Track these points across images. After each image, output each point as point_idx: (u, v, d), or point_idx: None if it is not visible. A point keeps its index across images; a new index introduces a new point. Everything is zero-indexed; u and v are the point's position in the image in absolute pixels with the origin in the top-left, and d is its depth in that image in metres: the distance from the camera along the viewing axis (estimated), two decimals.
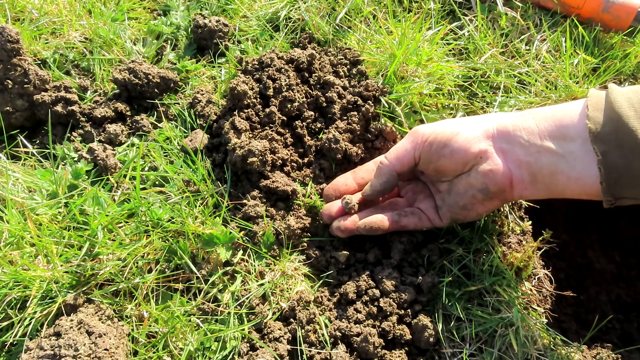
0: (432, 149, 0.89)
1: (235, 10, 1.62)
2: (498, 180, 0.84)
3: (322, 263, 1.11)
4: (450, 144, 0.86)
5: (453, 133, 0.86)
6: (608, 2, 1.54)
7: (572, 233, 1.75)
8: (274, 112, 1.25)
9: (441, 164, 0.89)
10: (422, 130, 0.91)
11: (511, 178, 0.84)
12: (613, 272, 1.72)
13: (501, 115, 0.87)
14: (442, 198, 0.97)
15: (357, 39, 1.48)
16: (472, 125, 0.87)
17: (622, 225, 1.82)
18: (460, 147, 0.85)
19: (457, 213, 0.94)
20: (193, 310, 1.00)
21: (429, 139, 0.89)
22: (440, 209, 0.97)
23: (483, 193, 0.87)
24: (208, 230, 1.05)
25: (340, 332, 0.99)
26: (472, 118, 0.90)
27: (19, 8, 1.54)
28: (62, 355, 0.82)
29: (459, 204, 0.92)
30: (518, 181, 0.85)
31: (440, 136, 0.88)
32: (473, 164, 0.86)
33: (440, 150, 0.88)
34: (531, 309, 1.07)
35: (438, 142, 0.88)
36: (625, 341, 1.44)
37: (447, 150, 0.87)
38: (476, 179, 0.86)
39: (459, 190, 0.91)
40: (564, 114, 0.80)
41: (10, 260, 0.96)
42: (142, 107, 1.37)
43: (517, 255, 1.10)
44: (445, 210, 0.96)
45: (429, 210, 0.99)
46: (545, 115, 0.83)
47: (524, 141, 0.82)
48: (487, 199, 0.88)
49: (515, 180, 0.85)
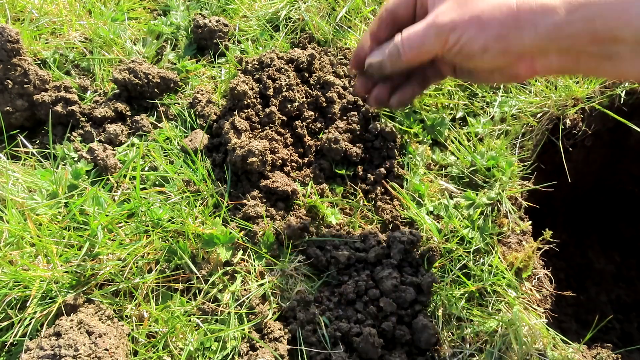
0: (458, 56, 0.74)
1: (235, 10, 1.62)
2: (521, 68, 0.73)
3: (322, 263, 1.11)
4: (484, 54, 0.71)
5: (482, 46, 0.70)
6: None
7: (572, 233, 1.76)
8: (274, 112, 1.25)
9: (470, 63, 0.75)
10: (450, 27, 0.71)
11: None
12: (613, 272, 1.72)
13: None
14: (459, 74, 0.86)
15: (357, 39, 1.48)
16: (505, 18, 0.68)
17: (622, 225, 1.82)
18: (491, 56, 0.70)
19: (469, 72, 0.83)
20: (193, 310, 1.00)
21: (457, 47, 0.72)
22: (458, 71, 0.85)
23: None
24: (208, 230, 1.05)
25: (340, 332, 0.99)
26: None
27: (19, 8, 1.54)
28: (62, 355, 0.82)
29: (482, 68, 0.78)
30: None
31: (469, 47, 0.71)
32: (503, 65, 0.74)
33: (473, 55, 0.72)
34: (531, 309, 1.07)
35: (466, 53, 0.72)
36: (625, 341, 1.44)
37: (484, 53, 0.71)
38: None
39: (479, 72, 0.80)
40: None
41: (10, 260, 0.96)
42: (142, 107, 1.37)
43: (517, 255, 1.10)
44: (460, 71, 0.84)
45: (445, 67, 0.86)
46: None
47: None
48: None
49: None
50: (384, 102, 0.87)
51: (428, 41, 0.73)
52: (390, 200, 1.23)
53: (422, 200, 1.22)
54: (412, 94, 0.86)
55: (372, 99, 0.87)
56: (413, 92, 0.86)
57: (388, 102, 0.87)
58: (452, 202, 1.20)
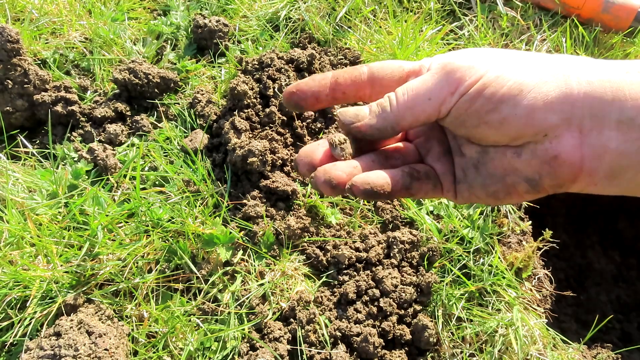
0: (473, 108, 0.54)
1: (235, 10, 1.62)
2: (561, 173, 0.55)
3: (322, 263, 1.11)
4: (505, 107, 0.53)
5: (513, 90, 0.53)
6: (608, 3, 1.54)
7: (572, 233, 1.75)
8: (274, 112, 1.25)
9: (480, 131, 0.56)
10: (462, 70, 0.54)
11: (580, 170, 0.55)
12: (613, 272, 1.72)
13: (595, 67, 0.53)
14: (465, 169, 0.63)
15: (357, 39, 1.48)
16: (546, 77, 0.53)
17: (622, 225, 1.82)
18: (519, 116, 0.53)
19: (480, 198, 0.62)
20: (193, 310, 1.00)
21: (474, 90, 0.54)
22: (459, 184, 0.63)
23: (531, 185, 0.57)
24: (208, 230, 1.05)
25: (340, 332, 0.99)
26: (550, 63, 0.55)
27: (19, 8, 1.54)
28: (62, 355, 0.82)
29: (489, 189, 0.60)
30: (587, 174, 0.55)
31: (491, 90, 0.53)
32: (530, 140, 0.55)
33: (487, 115, 0.54)
34: (531, 309, 1.07)
35: (484, 100, 0.53)
36: (625, 341, 1.44)
37: (496, 116, 0.53)
38: (528, 164, 0.55)
39: (494, 171, 0.59)
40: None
41: (10, 260, 0.96)
42: (142, 107, 1.37)
43: (517, 255, 1.10)
44: (464, 187, 0.63)
45: (445, 176, 0.64)
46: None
47: (625, 119, 0.51)
48: (532, 191, 0.58)
49: (585, 173, 0.55)
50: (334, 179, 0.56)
51: (433, 85, 0.55)
52: (390, 200, 1.23)
53: (422, 200, 1.22)
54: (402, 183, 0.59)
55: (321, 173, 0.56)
56: (402, 180, 0.59)
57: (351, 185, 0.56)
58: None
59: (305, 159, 0.61)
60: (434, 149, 0.66)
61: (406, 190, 0.61)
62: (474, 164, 0.61)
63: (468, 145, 0.62)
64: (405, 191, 0.61)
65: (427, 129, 0.68)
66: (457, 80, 0.55)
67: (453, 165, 0.64)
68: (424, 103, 0.57)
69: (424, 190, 0.63)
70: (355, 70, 0.61)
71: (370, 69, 0.62)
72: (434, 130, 0.67)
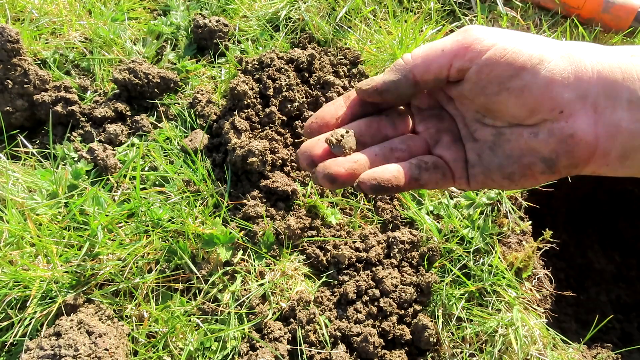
0: (491, 73, 0.56)
1: (235, 10, 1.62)
2: (577, 151, 0.56)
3: (322, 263, 1.11)
4: (524, 75, 0.54)
5: (534, 59, 0.54)
6: (608, 3, 1.54)
7: (572, 233, 1.76)
8: (274, 112, 1.25)
9: (499, 100, 0.57)
10: (481, 34, 0.56)
11: (595, 149, 0.57)
12: (613, 272, 1.72)
13: (602, 52, 0.56)
14: (479, 153, 0.63)
15: (357, 39, 1.48)
16: (562, 55, 0.55)
17: (622, 225, 1.82)
18: (539, 85, 0.54)
19: (495, 181, 0.63)
20: (193, 310, 1.00)
21: (490, 54, 0.55)
22: (473, 168, 0.63)
23: (547, 165, 0.58)
24: (208, 230, 1.05)
25: (340, 332, 0.99)
26: (561, 44, 0.57)
27: (19, 8, 1.54)
28: (62, 355, 0.82)
29: (505, 170, 0.60)
30: (601, 154, 0.57)
31: (512, 56, 0.54)
32: (546, 117, 0.56)
33: (509, 80, 0.55)
34: (531, 309, 1.07)
35: (505, 65, 0.55)
36: (625, 341, 1.44)
37: (518, 82, 0.54)
38: (546, 143, 0.57)
39: (511, 152, 0.59)
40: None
41: (10, 260, 0.96)
42: (142, 107, 1.37)
43: (517, 255, 1.10)
44: (479, 171, 0.63)
45: (455, 163, 0.64)
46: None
47: (635, 99, 0.53)
48: (548, 172, 0.59)
49: (599, 153, 0.57)
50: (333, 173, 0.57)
51: (448, 39, 0.56)
52: (390, 200, 1.23)
53: (422, 200, 1.22)
54: (406, 174, 0.60)
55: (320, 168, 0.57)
56: (411, 172, 0.60)
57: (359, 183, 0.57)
58: (452, 201, 1.20)
59: (306, 153, 0.61)
60: (443, 139, 0.66)
61: (415, 181, 0.61)
62: (489, 146, 0.62)
63: (482, 129, 0.62)
64: (414, 182, 0.61)
65: (437, 120, 0.68)
66: (473, 39, 0.56)
67: (464, 152, 0.64)
68: (436, 54, 0.57)
69: (434, 180, 0.63)
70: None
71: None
72: (443, 121, 0.67)
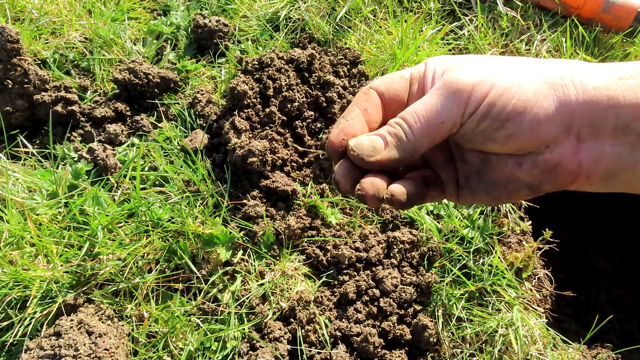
0: (480, 127, 0.57)
1: (235, 10, 1.62)
2: (560, 179, 0.58)
3: (322, 263, 1.11)
4: (511, 124, 0.55)
5: (519, 107, 0.55)
6: (608, 3, 1.54)
7: (572, 233, 1.76)
8: (274, 112, 1.25)
9: (487, 146, 0.59)
10: (467, 89, 0.56)
11: (579, 174, 0.57)
12: (613, 272, 1.72)
13: (591, 74, 0.55)
14: (467, 176, 0.65)
15: (357, 39, 1.48)
16: (546, 90, 0.55)
17: (622, 225, 1.82)
18: (524, 131, 0.55)
19: (484, 200, 0.65)
20: (193, 310, 1.00)
21: (483, 108, 0.56)
22: (462, 189, 0.66)
23: (531, 189, 0.60)
24: (208, 230, 1.05)
25: (340, 332, 0.99)
26: (543, 70, 0.56)
27: (19, 8, 1.54)
28: (62, 355, 0.82)
29: (492, 194, 0.63)
30: (585, 176, 0.58)
31: (499, 109, 0.55)
32: (531, 151, 0.57)
33: (494, 133, 0.56)
34: (531, 309, 1.07)
35: (494, 119, 0.55)
36: (625, 341, 1.44)
37: (504, 132, 0.56)
38: (529, 174, 0.59)
39: (496, 180, 0.62)
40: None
41: (10, 260, 0.96)
42: (142, 107, 1.37)
43: (517, 255, 1.10)
44: (467, 193, 0.65)
45: (449, 182, 0.66)
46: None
47: (619, 125, 0.53)
48: (532, 194, 0.61)
49: (582, 176, 0.58)
50: (381, 190, 0.58)
51: (442, 108, 0.55)
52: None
53: None
54: (420, 192, 0.60)
55: (368, 186, 0.58)
56: (420, 189, 0.60)
57: (391, 196, 0.58)
58: None
59: (347, 177, 0.61)
60: (437, 157, 0.67)
61: (422, 199, 0.62)
62: (476, 171, 0.63)
63: (470, 153, 0.64)
64: (420, 200, 0.62)
65: None
66: (464, 100, 0.56)
67: (456, 171, 0.66)
68: (437, 127, 0.58)
69: (432, 195, 0.64)
70: (371, 98, 0.63)
71: (378, 91, 0.63)
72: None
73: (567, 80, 0.55)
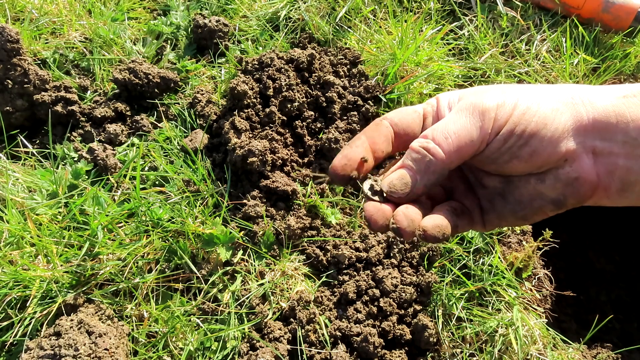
0: (506, 145, 0.59)
1: (235, 10, 1.62)
2: (582, 191, 0.61)
3: (322, 263, 1.11)
4: (534, 141, 0.58)
5: (540, 123, 0.58)
6: (608, 2, 1.54)
7: (572, 233, 1.76)
8: (274, 112, 1.25)
9: (511, 165, 0.61)
10: (493, 109, 0.59)
11: (597, 186, 0.61)
12: (613, 272, 1.72)
13: (598, 95, 0.60)
14: (491, 200, 0.67)
15: (357, 39, 1.48)
16: (560, 107, 0.59)
17: (622, 225, 1.82)
18: (545, 146, 0.58)
19: (510, 222, 0.67)
20: (193, 310, 1.00)
21: (508, 127, 0.59)
22: (487, 214, 0.67)
23: (556, 205, 0.62)
24: (208, 230, 1.05)
25: (340, 332, 0.99)
26: (555, 94, 0.61)
27: (19, 8, 1.54)
28: (62, 355, 0.82)
29: (518, 214, 0.65)
30: (603, 189, 0.62)
31: (523, 127, 0.58)
32: (552, 166, 0.61)
33: (519, 150, 0.59)
34: (531, 309, 1.07)
35: (518, 137, 0.58)
36: (625, 341, 1.44)
37: (528, 149, 0.59)
38: (553, 188, 0.61)
39: (521, 198, 0.64)
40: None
41: (10, 260, 0.96)
42: (142, 107, 1.37)
43: (517, 255, 1.10)
44: (493, 217, 0.67)
45: (473, 210, 0.67)
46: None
47: (629, 139, 0.58)
48: (557, 210, 0.64)
49: (600, 189, 0.62)
50: (415, 221, 0.59)
51: (472, 126, 0.57)
52: None
53: None
54: (453, 222, 0.61)
55: (402, 218, 0.58)
56: (452, 220, 0.61)
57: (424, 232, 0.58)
58: None
59: (378, 213, 0.61)
60: (458, 187, 0.69)
61: (455, 229, 0.62)
62: (499, 193, 0.66)
63: (488, 177, 0.66)
64: (454, 230, 0.62)
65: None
66: (491, 119, 0.58)
67: (478, 198, 0.68)
68: (467, 144, 0.60)
69: (462, 225, 0.66)
70: (381, 129, 0.64)
71: (391, 123, 0.64)
72: (454, 170, 0.66)
73: (578, 99, 0.59)
